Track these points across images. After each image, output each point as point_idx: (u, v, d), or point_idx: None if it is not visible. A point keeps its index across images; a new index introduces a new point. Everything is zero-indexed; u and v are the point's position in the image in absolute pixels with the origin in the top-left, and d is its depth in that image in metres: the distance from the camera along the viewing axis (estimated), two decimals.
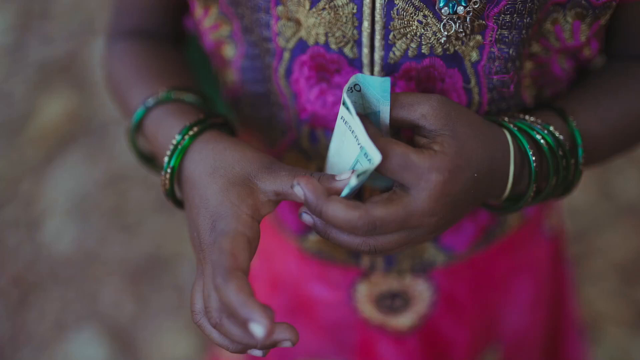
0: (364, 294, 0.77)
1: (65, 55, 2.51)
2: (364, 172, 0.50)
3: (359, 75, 0.51)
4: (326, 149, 0.66)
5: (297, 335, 0.49)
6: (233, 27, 0.65)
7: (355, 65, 0.60)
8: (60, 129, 2.26)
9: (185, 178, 0.59)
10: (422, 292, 0.77)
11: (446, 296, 0.78)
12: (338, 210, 0.50)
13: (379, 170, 0.51)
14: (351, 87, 0.52)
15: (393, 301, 0.77)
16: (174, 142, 0.59)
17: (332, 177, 0.53)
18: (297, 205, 0.73)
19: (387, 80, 0.52)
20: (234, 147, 0.58)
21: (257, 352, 0.53)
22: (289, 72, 0.62)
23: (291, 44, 0.61)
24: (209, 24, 0.67)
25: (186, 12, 0.74)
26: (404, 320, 0.78)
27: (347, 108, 0.51)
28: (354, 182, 0.50)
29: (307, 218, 0.55)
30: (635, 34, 0.63)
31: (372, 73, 0.60)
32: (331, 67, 0.60)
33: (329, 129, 0.65)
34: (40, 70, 2.45)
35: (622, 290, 1.71)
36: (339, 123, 0.54)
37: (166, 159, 0.59)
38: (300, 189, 0.51)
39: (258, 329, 0.47)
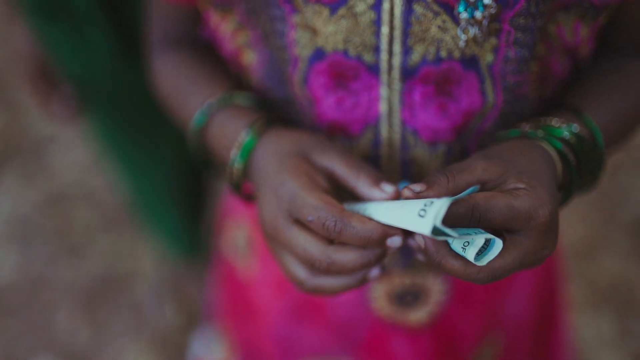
0: (379, 293, 0.77)
1: None
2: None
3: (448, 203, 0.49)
4: None
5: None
6: (251, 34, 0.65)
7: (373, 70, 0.60)
8: None
9: (253, 169, 0.62)
10: (438, 287, 0.77)
11: (460, 290, 0.78)
12: (457, 266, 0.51)
13: (485, 228, 0.51)
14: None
15: (409, 297, 0.77)
16: (240, 140, 0.62)
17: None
18: None
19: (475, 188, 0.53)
20: (291, 133, 0.62)
21: (376, 272, 0.57)
22: (305, 79, 0.62)
23: (307, 52, 0.60)
24: (227, 31, 0.67)
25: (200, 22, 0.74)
26: (419, 315, 0.79)
27: (439, 232, 0.49)
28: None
29: (413, 243, 0.56)
30: (635, 31, 0.66)
31: (390, 78, 0.60)
32: (349, 73, 0.60)
33: (347, 134, 0.65)
34: None
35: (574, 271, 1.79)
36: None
37: (233, 155, 0.62)
38: (422, 237, 0.52)
39: (397, 240, 0.52)
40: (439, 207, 0.46)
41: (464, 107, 0.61)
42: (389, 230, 0.51)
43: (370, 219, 0.52)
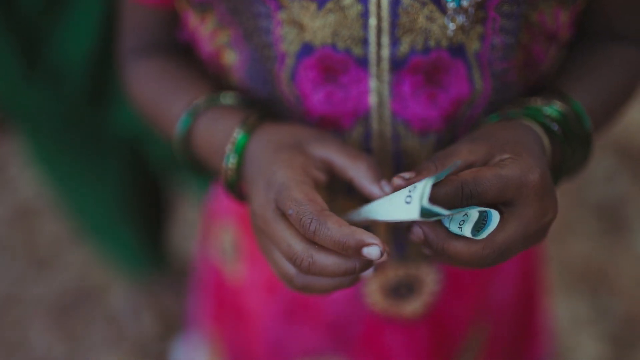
0: (373, 287, 0.77)
1: None
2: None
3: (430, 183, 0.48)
4: None
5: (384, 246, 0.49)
6: (232, 34, 0.64)
7: (363, 63, 0.60)
8: None
9: (247, 164, 0.60)
10: (431, 277, 0.77)
11: (453, 279, 0.79)
12: (460, 247, 0.50)
13: (480, 204, 0.50)
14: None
15: (403, 289, 0.77)
16: (235, 135, 0.61)
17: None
18: None
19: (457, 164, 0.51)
20: (286, 126, 0.61)
21: (368, 272, 0.54)
22: (293, 75, 0.62)
23: (295, 48, 0.60)
24: (206, 32, 0.66)
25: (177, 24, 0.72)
26: (414, 306, 0.79)
27: (429, 212, 0.47)
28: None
29: (415, 235, 0.54)
30: (611, 16, 0.68)
31: (379, 70, 0.60)
32: (338, 67, 0.60)
33: (338, 128, 0.64)
34: None
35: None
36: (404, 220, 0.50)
37: (228, 151, 0.60)
38: (420, 228, 0.51)
39: (374, 250, 0.48)
40: (422, 187, 0.46)
41: (453, 96, 0.62)
42: (367, 239, 0.48)
43: (349, 225, 0.49)
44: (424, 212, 0.46)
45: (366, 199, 0.66)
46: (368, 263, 0.50)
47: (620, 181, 1.98)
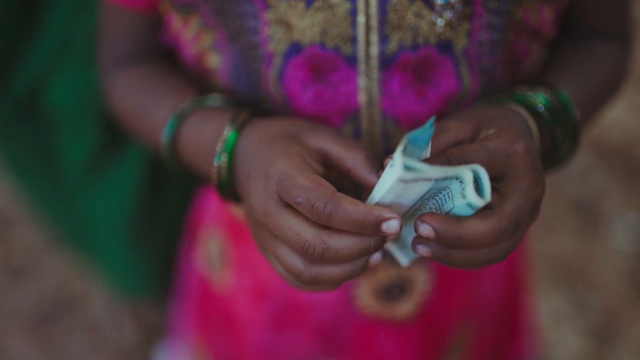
0: (365, 289, 0.76)
1: None
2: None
3: (410, 136, 0.48)
4: None
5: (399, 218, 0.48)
6: (216, 36, 0.63)
7: (351, 61, 0.60)
8: None
9: (240, 160, 0.59)
10: (422, 277, 0.77)
11: (444, 278, 0.79)
12: (476, 226, 0.48)
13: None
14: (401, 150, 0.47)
15: (395, 290, 0.77)
16: (226, 133, 0.59)
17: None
18: None
19: (432, 121, 0.49)
20: (278, 119, 0.60)
21: (377, 256, 0.54)
22: (281, 76, 0.61)
23: (283, 47, 0.60)
24: (190, 35, 0.65)
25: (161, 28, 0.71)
26: (407, 307, 0.78)
27: (411, 169, 0.45)
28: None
29: (423, 249, 0.52)
30: (594, 14, 0.69)
31: (368, 67, 0.60)
32: (327, 65, 0.60)
33: None
34: None
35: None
36: (394, 185, 0.48)
37: (219, 149, 0.59)
38: (427, 225, 0.48)
39: (394, 224, 0.47)
40: (400, 145, 0.45)
41: (442, 92, 0.62)
42: (385, 214, 0.46)
43: (364, 203, 0.48)
44: (407, 167, 0.45)
45: (359, 195, 0.66)
46: (382, 240, 0.49)
47: (596, 177, 2.00)
